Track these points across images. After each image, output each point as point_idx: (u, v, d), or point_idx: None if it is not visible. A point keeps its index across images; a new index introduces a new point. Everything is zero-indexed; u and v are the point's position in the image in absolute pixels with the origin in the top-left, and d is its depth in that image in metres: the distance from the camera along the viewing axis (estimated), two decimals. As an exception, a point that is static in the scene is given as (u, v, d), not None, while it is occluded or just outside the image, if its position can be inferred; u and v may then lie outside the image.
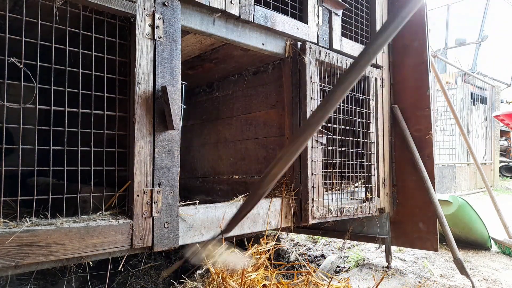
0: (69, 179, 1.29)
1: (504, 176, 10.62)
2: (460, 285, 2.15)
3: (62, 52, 1.16)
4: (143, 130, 1.25)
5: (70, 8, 1.16)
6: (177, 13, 1.36)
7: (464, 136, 3.54)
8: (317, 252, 2.91)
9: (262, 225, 1.68)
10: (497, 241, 3.01)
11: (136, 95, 1.24)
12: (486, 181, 3.45)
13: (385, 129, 2.34)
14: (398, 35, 2.39)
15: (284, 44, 1.84)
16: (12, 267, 1.01)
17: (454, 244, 2.18)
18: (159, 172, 1.28)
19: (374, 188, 2.22)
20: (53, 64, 1.14)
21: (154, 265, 2.16)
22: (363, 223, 2.49)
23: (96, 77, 1.23)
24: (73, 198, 1.19)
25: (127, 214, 1.24)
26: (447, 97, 3.53)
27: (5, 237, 0.97)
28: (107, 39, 1.25)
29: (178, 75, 1.35)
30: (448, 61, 7.77)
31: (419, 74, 2.35)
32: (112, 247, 1.16)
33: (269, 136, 2.21)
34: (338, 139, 2.03)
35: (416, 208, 2.34)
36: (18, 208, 1.06)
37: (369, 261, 2.60)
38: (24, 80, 1.06)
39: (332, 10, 2.02)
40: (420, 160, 2.28)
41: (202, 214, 1.45)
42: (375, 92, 2.26)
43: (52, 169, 1.14)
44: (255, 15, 1.64)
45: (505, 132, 10.63)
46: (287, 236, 3.37)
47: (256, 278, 1.49)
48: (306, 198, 1.81)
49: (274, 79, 2.17)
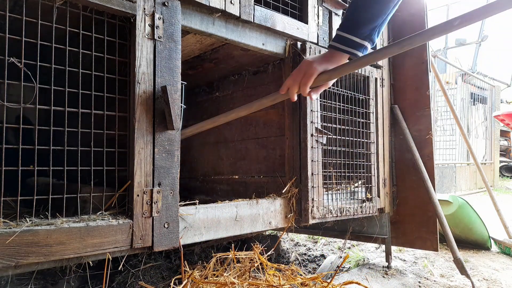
0: (69, 179, 1.29)
1: (504, 176, 10.63)
2: (460, 285, 2.15)
3: (62, 52, 1.16)
4: (143, 130, 1.25)
5: (70, 8, 1.16)
6: (177, 13, 1.36)
7: (464, 136, 3.54)
8: (317, 252, 2.91)
9: (262, 225, 1.68)
10: (497, 241, 3.01)
11: (136, 95, 1.24)
12: (486, 181, 3.45)
13: (385, 129, 2.35)
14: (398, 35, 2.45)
15: (284, 44, 1.84)
16: (12, 267, 1.01)
17: (454, 244, 2.18)
18: (159, 172, 1.28)
19: (374, 188, 2.22)
20: (53, 64, 1.14)
21: (154, 265, 2.15)
22: (363, 223, 2.49)
23: (96, 77, 1.23)
24: (73, 198, 1.19)
25: (127, 214, 1.24)
26: (447, 97, 3.54)
27: (5, 237, 0.97)
28: (107, 39, 1.25)
29: (178, 75, 1.35)
30: (448, 61, 7.77)
31: (419, 74, 2.35)
32: (112, 247, 1.16)
33: (269, 136, 2.21)
34: (338, 139, 2.03)
35: (416, 208, 2.34)
36: (18, 208, 1.06)
37: (369, 261, 2.60)
38: (24, 80, 1.06)
39: (332, 10, 2.02)
40: (420, 160, 2.28)
41: (202, 214, 1.45)
42: (375, 92, 2.26)
43: (52, 169, 1.14)
44: (255, 15, 1.64)
45: (505, 132, 10.63)
46: (287, 236, 3.37)
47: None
48: (306, 198, 1.81)
49: (274, 79, 2.17)
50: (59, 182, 1.42)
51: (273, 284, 1.49)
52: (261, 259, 1.64)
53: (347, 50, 1.37)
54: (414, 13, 2.37)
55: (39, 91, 1.10)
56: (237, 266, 1.71)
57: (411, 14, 2.38)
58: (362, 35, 1.35)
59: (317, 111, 1.86)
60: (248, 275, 1.65)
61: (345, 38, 1.36)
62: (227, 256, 1.77)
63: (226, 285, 1.46)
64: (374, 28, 1.35)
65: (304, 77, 1.38)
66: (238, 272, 1.66)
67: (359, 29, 1.34)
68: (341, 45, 1.37)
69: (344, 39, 1.36)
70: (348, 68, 1.35)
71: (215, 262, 1.78)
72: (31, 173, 1.09)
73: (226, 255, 1.78)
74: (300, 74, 1.39)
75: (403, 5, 2.43)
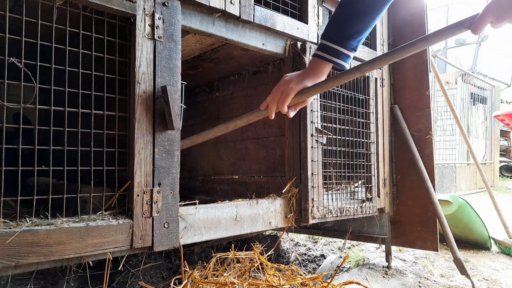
0: (69, 179, 1.29)
1: (504, 176, 10.63)
2: (460, 285, 2.15)
3: (62, 52, 1.16)
4: (143, 130, 1.25)
5: (70, 8, 1.16)
6: (177, 13, 1.36)
7: (464, 136, 3.54)
8: (317, 252, 2.91)
9: (262, 225, 1.68)
10: (497, 241, 3.01)
11: (136, 95, 1.24)
12: (486, 181, 3.45)
13: (385, 129, 2.35)
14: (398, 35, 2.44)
15: (284, 44, 1.84)
16: (12, 267, 1.01)
17: (454, 244, 2.18)
18: (159, 172, 1.28)
19: (374, 188, 2.22)
20: (53, 64, 1.14)
21: (154, 265, 2.15)
22: (363, 223, 2.49)
23: (96, 77, 1.23)
24: (73, 198, 1.19)
25: (127, 214, 1.24)
26: (447, 97, 3.54)
27: (5, 237, 0.97)
28: (107, 39, 1.25)
29: (178, 75, 1.35)
30: (448, 61, 7.77)
31: (419, 74, 2.35)
32: (112, 247, 1.16)
33: (269, 136, 2.21)
34: (338, 139, 2.03)
35: (416, 208, 2.34)
36: (18, 208, 1.06)
37: (369, 261, 2.60)
38: (24, 80, 1.06)
39: (332, 10, 2.02)
40: (420, 160, 2.28)
41: (202, 214, 1.45)
42: (375, 92, 2.26)
43: (52, 169, 1.14)
44: (255, 15, 1.64)
45: (505, 132, 10.63)
46: (287, 236, 3.37)
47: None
48: (306, 198, 1.81)
49: (274, 79, 2.17)
50: (59, 182, 1.42)
51: (273, 284, 1.49)
52: (261, 259, 1.64)
53: (333, 60, 1.35)
54: (414, 13, 2.37)
55: (39, 91, 1.10)
56: (237, 266, 1.71)
57: (411, 14, 2.39)
58: (350, 46, 1.34)
59: (317, 111, 1.86)
60: (248, 275, 1.65)
61: (332, 49, 1.34)
62: (227, 256, 1.77)
63: (226, 285, 1.46)
64: (361, 40, 1.35)
65: (281, 96, 1.36)
66: (238, 272, 1.66)
67: (348, 41, 1.33)
68: (328, 55, 1.35)
69: (330, 49, 1.35)
70: (327, 85, 1.34)
71: (215, 262, 1.78)
72: (31, 173, 1.09)
73: (226, 255, 1.78)
74: (278, 93, 1.37)
75: (403, 4, 2.43)
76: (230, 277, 1.53)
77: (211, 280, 1.57)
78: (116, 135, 1.27)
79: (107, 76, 1.25)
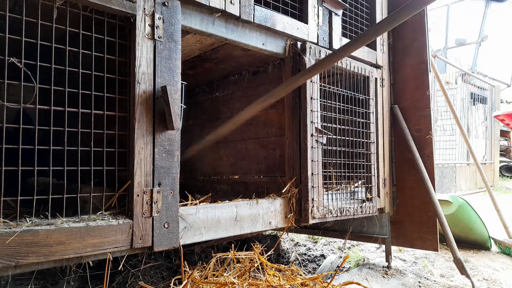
0: (69, 179, 1.29)
1: (504, 176, 10.62)
2: (460, 285, 2.15)
3: (62, 52, 1.16)
4: (143, 130, 1.25)
5: (70, 8, 1.16)
6: (177, 13, 1.36)
7: (464, 136, 3.54)
8: (317, 252, 2.91)
9: (262, 225, 1.68)
10: (497, 241, 3.01)
11: (136, 95, 1.24)
12: (486, 181, 3.45)
13: (385, 129, 2.35)
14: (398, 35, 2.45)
15: (284, 44, 1.84)
16: (12, 267, 1.01)
17: (454, 244, 2.18)
18: (159, 172, 1.28)
19: (374, 188, 2.22)
20: (53, 64, 1.13)
21: (154, 265, 2.15)
22: (363, 223, 2.49)
23: (96, 77, 1.23)
24: (73, 198, 1.19)
25: (127, 214, 1.24)
26: (447, 97, 3.53)
27: (5, 237, 0.97)
28: (107, 39, 1.25)
29: (178, 75, 1.35)
30: (448, 61, 7.77)
31: (419, 74, 2.35)
32: (112, 247, 1.16)
33: (269, 136, 2.21)
34: (338, 139, 2.03)
35: (416, 208, 2.34)
36: (18, 208, 1.06)
37: (369, 261, 2.60)
38: (24, 80, 1.06)
39: (332, 10, 2.02)
40: (420, 160, 2.28)
41: (202, 214, 1.45)
42: (375, 92, 2.26)
43: (52, 169, 1.14)
44: (255, 15, 1.64)
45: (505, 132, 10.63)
46: (287, 236, 3.37)
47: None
48: (306, 198, 1.81)
49: (274, 79, 2.17)
50: (59, 182, 1.42)
51: (273, 284, 1.49)
52: (261, 259, 1.64)
53: None
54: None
55: (39, 91, 1.09)
56: (237, 266, 1.71)
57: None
58: None
59: (317, 111, 1.86)
60: (248, 275, 1.65)
61: None
62: (227, 256, 1.77)
63: (226, 285, 1.46)
64: None
65: None
66: (238, 272, 1.66)
67: None
68: None
69: None
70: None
71: (215, 262, 1.78)
72: (31, 173, 1.09)
73: (226, 255, 1.77)
74: None
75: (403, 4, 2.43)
76: (230, 277, 1.53)
77: (211, 280, 1.57)
78: (116, 135, 1.27)
79: (107, 76, 1.25)
